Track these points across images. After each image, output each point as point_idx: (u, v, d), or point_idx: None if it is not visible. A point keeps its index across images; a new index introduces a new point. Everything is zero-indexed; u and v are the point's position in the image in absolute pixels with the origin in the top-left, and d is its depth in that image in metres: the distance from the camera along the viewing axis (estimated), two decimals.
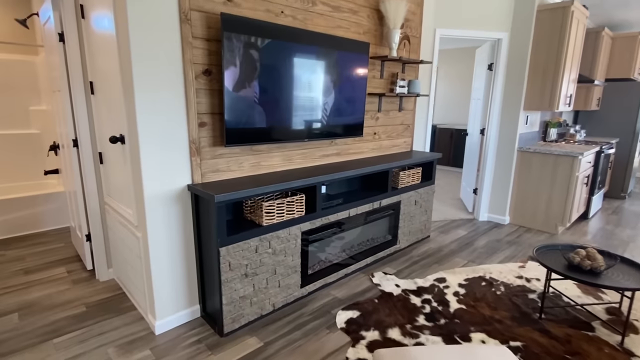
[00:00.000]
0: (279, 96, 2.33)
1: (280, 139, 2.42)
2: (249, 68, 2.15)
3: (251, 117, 2.23)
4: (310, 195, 2.50)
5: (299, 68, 2.40)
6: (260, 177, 2.39)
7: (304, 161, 2.75)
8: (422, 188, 3.51)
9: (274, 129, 2.37)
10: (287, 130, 2.45)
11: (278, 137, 2.41)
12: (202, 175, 2.18)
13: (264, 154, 2.48)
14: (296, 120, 2.48)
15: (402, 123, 3.61)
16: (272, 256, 2.30)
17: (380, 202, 3.05)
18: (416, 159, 3.29)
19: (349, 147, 3.09)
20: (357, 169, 2.71)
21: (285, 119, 2.41)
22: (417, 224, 3.57)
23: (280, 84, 2.32)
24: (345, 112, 2.82)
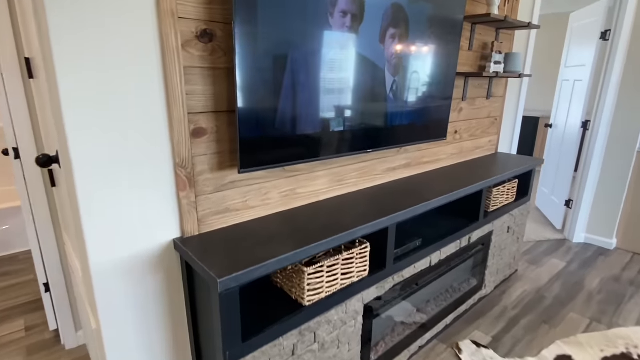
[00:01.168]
0: (329, 81, 1.34)
1: (328, 153, 1.45)
2: (280, 31, 1.17)
3: (284, 117, 1.25)
4: (378, 242, 1.54)
5: (362, 34, 1.39)
6: (296, 214, 1.44)
7: (360, 180, 1.78)
8: (517, 208, 2.49)
9: (320, 137, 1.39)
10: (340, 138, 1.47)
11: (326, 149, 1.43)
12: (199, 222, 1.24)
13: (302, 174, 1.51)
14: (353, 119, 1.49)
15: (489, 115, 2.55)
16: (318, 353, 1.37)
17: (469, 237, 2.05)
18: (512, 167, 2.26)
19: (422, 154, 2.09)
20: (444, 195, 1.71)
21: (337, 118, 1.43)
22: (507, 258, 2.56)
23: (332, 61, 1.33)
24: (424, 103, 1.81)
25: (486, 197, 2.27)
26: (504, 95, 2.62)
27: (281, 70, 1.20)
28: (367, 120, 1.55)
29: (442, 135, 1.97)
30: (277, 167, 1.30)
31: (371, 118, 1.56)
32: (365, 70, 1.46)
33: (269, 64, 1.17)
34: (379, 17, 1.44)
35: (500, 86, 2.56)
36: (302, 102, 1.28)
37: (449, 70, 1.86)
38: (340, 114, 1.41)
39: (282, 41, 1.18)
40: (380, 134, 1.63)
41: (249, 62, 1.13)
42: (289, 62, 1.21)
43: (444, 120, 1.95)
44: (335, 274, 1.36)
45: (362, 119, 1.52)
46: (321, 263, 1.30)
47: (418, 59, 1.69)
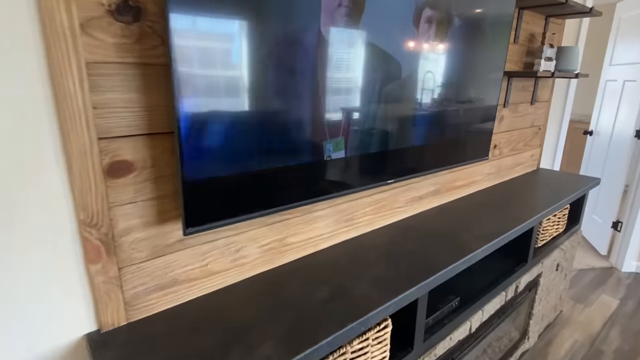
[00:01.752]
0: (334, 82, 0.89)
1: (331, 191, 0.99)
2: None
3: (261, 140, 0.80)
4: (403, 316, 1.08)
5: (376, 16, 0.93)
6: (285, 277, 0.99)
7: (376, 217, 1.31)
8: (568, 240, 2.01)
9: (318, 169, 0.94)
10: (345, 168, 1.01)
11: (327, 185, 0.97)
12: (127, 305, 0.79)
13: (295, 217, 1.06)
14: (366, 139, 1.03)
15: (533, 124, 2.07)
16: None
17: (516, 286, 1.58)
18: (563, 190, 1.78)
19: (454, 176, 1.62)
20: (491, 241, 1.25)
21: (342, 140, 0.97)
22: (553, 300, 2.08)
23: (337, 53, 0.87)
24: (462, 114, 1.34)
25: (535, 227, 1.80)
26: (550, 99, 2.14)
27: (256, 66, 0.75)
28: (387, 139, 1.09)
29: (484, 155, 1.50)
30: (249, 218, 0.84)
31: (393, 136, 1.10)
32: (383, 69, 1.00)
33: (234, 56, 0.72)
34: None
35: (546, 88, 2.08)
36: (289, 115, 0.83)
37: (495, 69, 1.39)
38: (346, 132, 0.95)
39: (256, 20, 0.73)
40: (405, 158, 1.17)
41: (195, 54, 0.68)
42: (267, 53, 0.76)
43: (487, 135, 1.48)
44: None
45: (379, 139, 1.06)
46: None
47: (456, 55, 1.22)
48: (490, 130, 1.49)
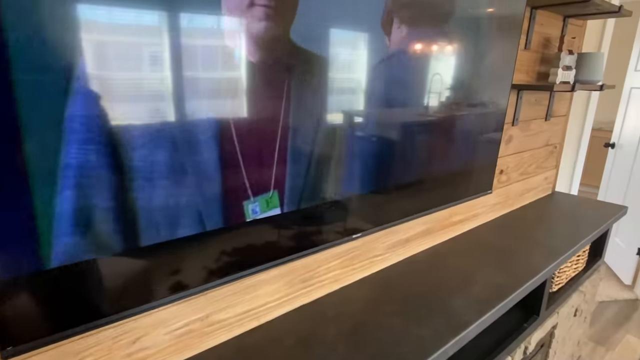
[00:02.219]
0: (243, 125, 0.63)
1: (269, 258, 0.73)
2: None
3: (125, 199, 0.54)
4: None
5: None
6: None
7: (345, 272, 1.05)
8: (588, 279, 1.71)
9: (236, 235, 0.68)
10: (289, 228, 0.75)
11: (250, 253, 0.71)
12: None
13: (225, 287, 0.80)
14: (312, 190, 0.77)
15: (548, 143, 1.78)
16: None
17: (526, 346, 1.29)
18: (584, 223, 1.48)
19: (451, 211, 1.34)
20: (489, 311, 0.97)
21: (277, 197, 0.71)
22: (570, 348, 1.78)
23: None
24: (453, 142, 1.07)
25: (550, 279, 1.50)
26: (568, 113, 1.84)
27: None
28: (347, 182, 0.82)
29: (486, 188, 1.22)
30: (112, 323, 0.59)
31: (357, 177, 0.83)
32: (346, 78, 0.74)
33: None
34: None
35: (564, 101, 1.78)
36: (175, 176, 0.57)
37: (501, 81, 1.11)
38: (281, 184, 0.69)
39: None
40: (375, 204, 0.90)
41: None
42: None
43: (490, 163, 1.20)
44: None
45: (334, 184, 0.79)
46: None
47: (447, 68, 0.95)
48: (494, 158, 1.20)
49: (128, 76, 0.49)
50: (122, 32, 0.47)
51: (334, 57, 0.70)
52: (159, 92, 0.51)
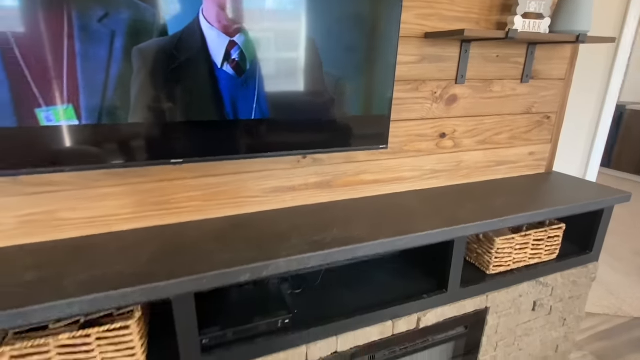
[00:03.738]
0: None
1: (127, 160, 0.87)
2: None
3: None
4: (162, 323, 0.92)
5: None
6: (52, 248, 0.92)
7: (209, 205, 1.13)
8: (563, 272, 1.45)
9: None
10: (143, 123, 0.87)
11: (122, 152, 0.85)
12: None
13: (66, 190, 0.97)
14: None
15: (532, 111, 1.52)
16: None
17: (420, 317, 1.21)
18: (554, 201, 1.26)
19: (357, 167, 1.29)
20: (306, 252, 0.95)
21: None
22: (535, 348, 1.55)
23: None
24: (313, 78, 1.04)
25: (484, 251, 1.35)
26: (568, 76, 1.53)
27: None
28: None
29: (377, 143, 1.15)
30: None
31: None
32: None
33: None
34: None
35: (558, 61, 1.49)
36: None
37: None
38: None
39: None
40: (214, 133, 0.96)
41: None
42: None
43: (379, 116, 1.12)
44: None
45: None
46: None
47: None
48: (384, 104, 1.11)
49: None
50: None
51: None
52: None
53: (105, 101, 0.83)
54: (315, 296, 1.19)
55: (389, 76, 1.08)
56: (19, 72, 0.76)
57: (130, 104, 0.86)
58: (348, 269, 1.34)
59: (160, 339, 0.99)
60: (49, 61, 0.77)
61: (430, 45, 1.24)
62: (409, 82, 1.26)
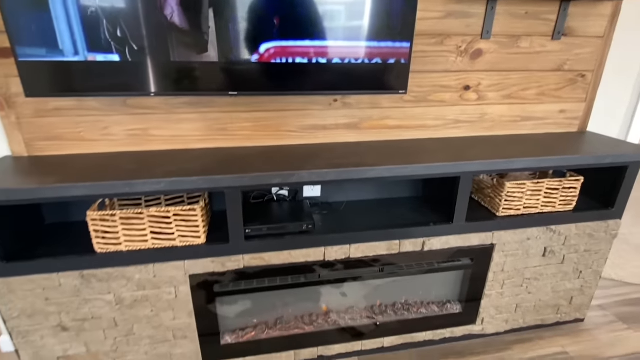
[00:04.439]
0: None
1: (196, 90, 1.20)
2: None
3: (71, 30, 1.09)
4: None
5: None
6: (146, 156, 1.29)
7: (257, 135, 1.43)
8: (579, 223, 1.52)
9: (165, 64, 1.16)
10: (209, 66, 1.18)
11: (191, 81, 1.19)
12: (27, 145, 1.28)
13: (155, 114, 1.33)
14: (234, 29, 1.17)
15: (564, 69, 1.57)
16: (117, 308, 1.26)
17: (425, 241, 1.41)
18: (571, 153, 1.34)
19: (381, 113, 1.49)
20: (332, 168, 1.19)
21: (200, 26, 1.15)
22: (546, 294, 1.65)
23: None
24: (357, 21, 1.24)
25: (495, 194, 1.49)
26: (607, 35, 1.53)
27: None
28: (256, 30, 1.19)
29: (397, 87, 1.33)
30: (80, 96, 1.17)
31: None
32: None
33: None
34: None
35: (595, 19, 1.50)
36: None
37: None
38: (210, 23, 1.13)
39: None
40: (242, 72, 1.24)
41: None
42: None
43: (396, 64, 1.30)
44: (144, 229, 1.18)
45: (250, 32, 1.17)
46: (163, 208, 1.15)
47: None
48: (404, 50, 1.29)
49: None
50: None
51: None
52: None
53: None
54: (337, 217, 1.45)
55: (409, 29, 1.25)
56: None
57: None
58: (369, 204, 1.57)
59: (218, 229, 1.33)
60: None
61: (456, 2, 1.37)
62: (434, 36, 1.40)
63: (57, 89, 1.13)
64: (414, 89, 1.47)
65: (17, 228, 1.22)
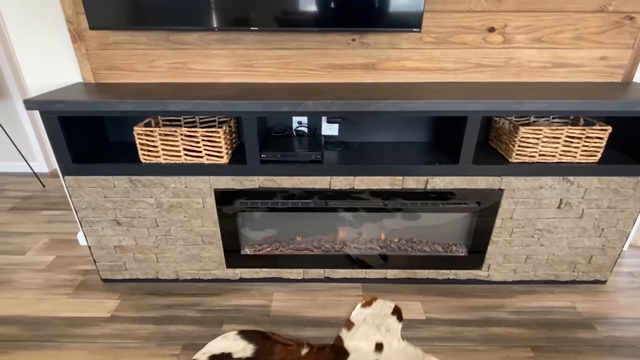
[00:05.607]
0: None
1: (223, 25, 1.37)
2: None
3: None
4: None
5: None
6: (184, 87, 1.51)
7: (280, 71, 1.56)
8: (602, 177, 1.46)
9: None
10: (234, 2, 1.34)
11: (219, 16, 1.36)
12: (93, 73, 1.56)
13: (192, 49, 1.52)
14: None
15: (607, 10, 1.44)
16: (159, 211, 1.53)
17: (428, 179, 1.46)
18: (591, 100, 1.28)
19: (399, 53, 1.52)
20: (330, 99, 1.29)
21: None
22: (561, 249, 1.62)
23: None
24: None
25: (510, 140, 1.49)
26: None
27: None
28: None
29: (411, 25, 1.36)
30: (144, 29, 1.39)
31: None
32: None
33: None
34: None
35: None
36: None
37: None
38: None
39: None
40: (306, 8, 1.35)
41: None
42: None
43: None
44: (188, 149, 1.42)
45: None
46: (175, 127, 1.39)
47: None
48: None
49: None
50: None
51: None
52: None
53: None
54: (348, 153, 1.56)
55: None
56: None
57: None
58: (383, 145, 1.65)
59: (242, 153, 1.52)
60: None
61: None
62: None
63: (115, 23, 1.36)
64: (433, 29, 1.48)
65: (87, 141, 1.52)
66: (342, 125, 1.65)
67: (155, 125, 1.55)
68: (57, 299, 1.63)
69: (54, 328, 1.47)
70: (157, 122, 1.56)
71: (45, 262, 1.86)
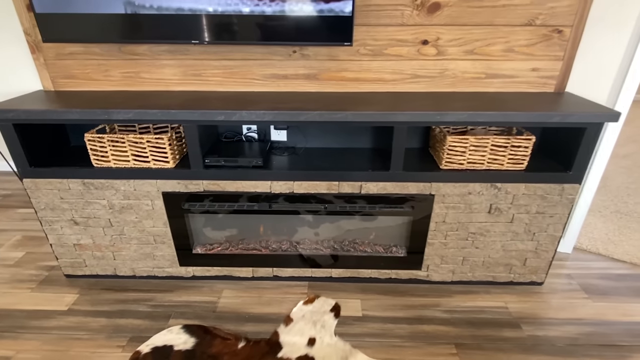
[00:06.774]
0: None
1: (165, 36, 1.46)
2: None
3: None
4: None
5: None
6: (137, 94, 1.60)
7: (227, 81, 1.65)
8: (529, 184, 1.53)
9: (148, 16, 1.42)
10: (179, 18, 1.43)
11: (158, 30, 1.45)
12: (52, 81, 1.66)
13: (143, 59, 1.61)
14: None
15: (536, 23, 1.50)
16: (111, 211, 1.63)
17: (362, 184, 1.54)
18: (525, 110, 1.36)
19: (339, 65, 1.60)
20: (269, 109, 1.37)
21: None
22: (496, 252, 1.69)
23: None
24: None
25: (440, 147, 1.57)
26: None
27: None
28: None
29: (342, 40, 1.43)
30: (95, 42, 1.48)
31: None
32: None
33: None
34: None
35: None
36: None
37: None
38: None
39: None
40: (245, 22, 1.43)
41: None
42: None
43: (338, 16, 1.39)
44: (133, 151, 1.51)
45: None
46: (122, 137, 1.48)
47: None
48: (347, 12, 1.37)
49: None
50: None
51: None
52: None
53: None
54: (293, 159, 1.64)
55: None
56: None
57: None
58: (327, 151, 1.73)
59: (186, 160, 1.62)
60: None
61: None
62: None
63: (66, 36, 1.46)
64: (369, 42, 1.55)
65: (47, 145, 1.63)
66: (291, 130, 1.74)
67: (111, 131, 1.64)
68: (21, 292, 1.74)
69: (13, 320, 1.59)
70: (112, 127, 1.66)
71: (15, 258, 1.98)
